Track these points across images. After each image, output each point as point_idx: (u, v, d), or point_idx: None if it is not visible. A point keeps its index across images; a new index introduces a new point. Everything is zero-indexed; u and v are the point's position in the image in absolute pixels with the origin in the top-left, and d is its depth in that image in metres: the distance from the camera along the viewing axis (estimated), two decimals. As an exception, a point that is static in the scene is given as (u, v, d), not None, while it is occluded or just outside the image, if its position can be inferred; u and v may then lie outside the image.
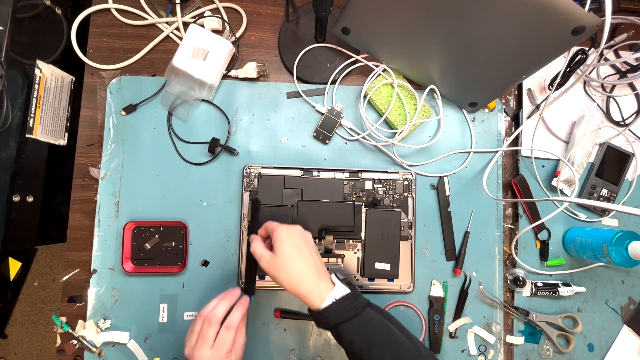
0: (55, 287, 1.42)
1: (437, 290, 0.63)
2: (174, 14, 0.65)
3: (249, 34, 0.67)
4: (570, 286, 0.64)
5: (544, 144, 0.67)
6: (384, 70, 0.65)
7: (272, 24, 0.67)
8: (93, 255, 0.61)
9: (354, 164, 0.65)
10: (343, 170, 0.63)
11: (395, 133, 0.63)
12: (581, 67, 0.61)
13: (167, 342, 0.60)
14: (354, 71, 0.67)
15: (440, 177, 0.65)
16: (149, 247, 0.61)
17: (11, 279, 1.33)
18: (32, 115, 0.63)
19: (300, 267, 0.46)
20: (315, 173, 0.63)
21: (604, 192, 0.67)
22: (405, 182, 0.64)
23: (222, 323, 0.48)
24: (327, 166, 0.64)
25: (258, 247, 0.49)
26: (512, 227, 0.67)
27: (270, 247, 0.49)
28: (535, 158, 0.67)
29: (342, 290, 0.45)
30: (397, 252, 0.62)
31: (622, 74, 0.69)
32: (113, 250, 0.61)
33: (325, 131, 0.65)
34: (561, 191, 0.66)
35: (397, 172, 0.64)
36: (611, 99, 0.69)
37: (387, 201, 0.64)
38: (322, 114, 0.65)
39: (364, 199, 0.63)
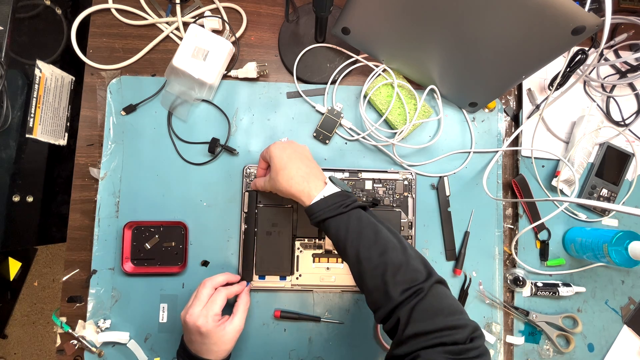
0: (55, 287, 1.42)
1: (437, 290, 0.63)
2: (174, 14, 0.65)
3: (249, 34, 0.67)
4: (570, 286, 0.64)
5: (544, 144, 0.67)
6: (384, 70, 0.65)
7: (272, 24, 0.67)
8: (93, 255, 0.61)
9: (354, 164, 0.65)
10: (343, 170, 0.63)
11: (395, 133, 0.63)
12: (581, 67, 0.61)
13: (167, 342, 0.60)
14: (354, 71, 0.67)
15: (440, 177, 0.65)
16: (149, 247, 0.61)
17: (11, 279, 1.33)
18: (32, 115, 0.63)
19: (289, 172, 0.50)
20: (315, 173, 0.63)
21: (604, 192, 0.67)
22: (405, 182, 0.64)
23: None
24: (327, 166, 0.64)
25: (259, 180, 0.57)
26: (512, 227, 0.67)
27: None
28: (535, 158, 0.67)
29: (331, 189, 0.48)
30: (397, 252, 0.62)
31: (622, 74, 0.69)
32: (113, 250, 0.61)
33: (325, 131, 0.65)
34: (561, 191, 0.66)
35: (397, 172, 0.64)
36: (611, 99, 0.69)
37: (387, 201, 0.64)
38: (322, 114, 0.65)
39: (364, 199, 0.63)
